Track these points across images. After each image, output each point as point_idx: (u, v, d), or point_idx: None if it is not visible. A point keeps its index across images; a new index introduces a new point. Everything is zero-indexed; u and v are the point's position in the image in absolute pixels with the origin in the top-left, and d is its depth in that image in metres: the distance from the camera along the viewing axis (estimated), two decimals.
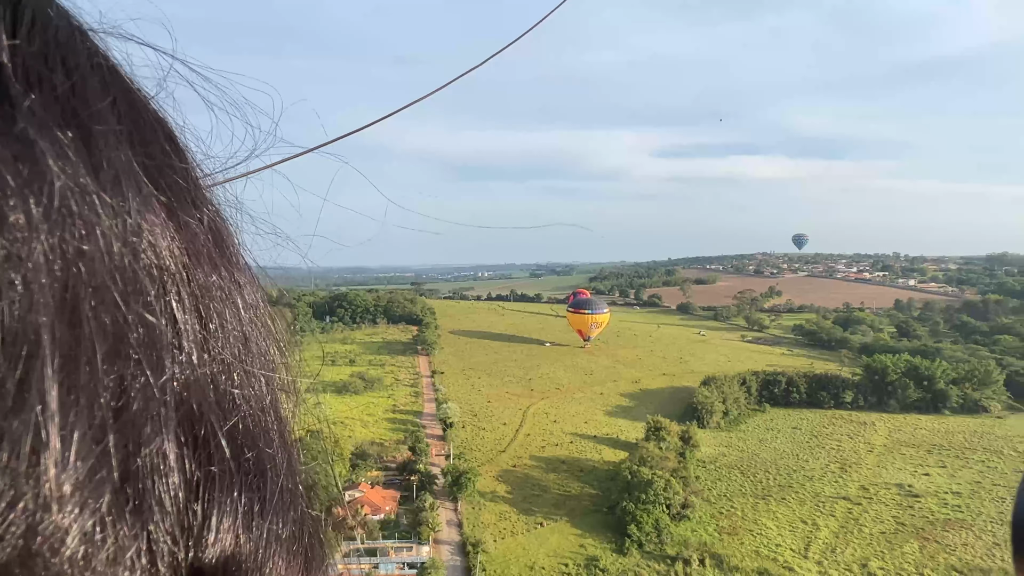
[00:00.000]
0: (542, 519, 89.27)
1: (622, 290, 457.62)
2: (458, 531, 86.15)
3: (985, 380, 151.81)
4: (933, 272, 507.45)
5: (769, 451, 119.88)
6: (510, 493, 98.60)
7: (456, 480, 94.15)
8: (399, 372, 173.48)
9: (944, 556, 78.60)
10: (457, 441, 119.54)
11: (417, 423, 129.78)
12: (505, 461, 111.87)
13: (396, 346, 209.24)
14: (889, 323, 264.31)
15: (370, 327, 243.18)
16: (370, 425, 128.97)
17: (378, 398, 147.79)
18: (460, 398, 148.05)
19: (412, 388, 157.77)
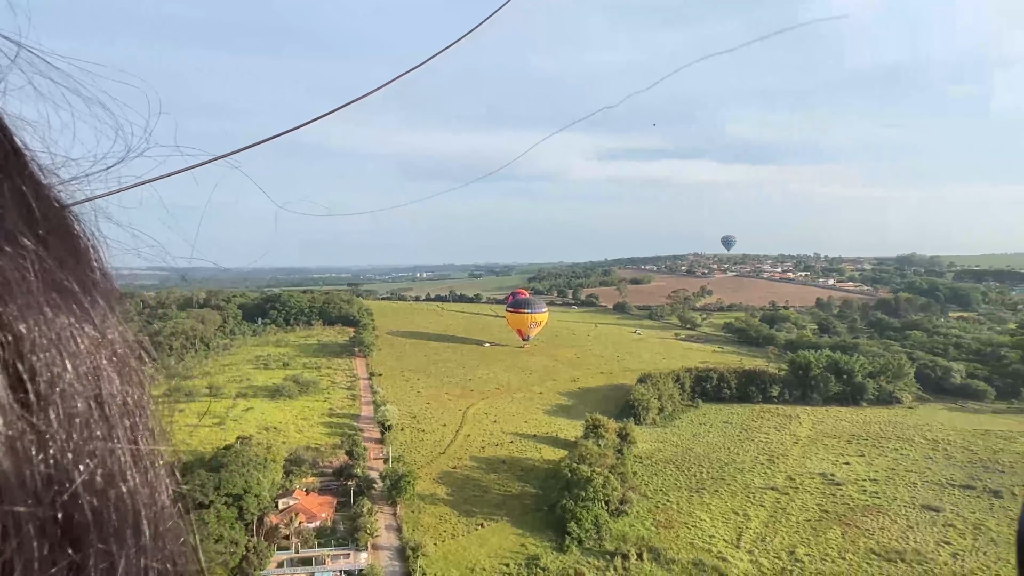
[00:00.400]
0: (483, 520, 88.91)
1: (560, 290, 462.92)
2: (397, 535, 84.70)
3: (898, 373, 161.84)
4: (850, 272, 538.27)
5: (702, 445, 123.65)
6: (450, 495, 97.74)
7: (395, 483, 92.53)
8: (335, 375, 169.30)
9: (864, 540, 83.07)
10: (396, 444, 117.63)
11: (354, 426, 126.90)
12: (445, 463, 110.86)
13: (332, 348, 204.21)
14: (811, 320, 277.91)
15: (305, 329, 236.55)
16: (305, 430, 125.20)
17: (313, 402, 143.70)
18: (399, 400, 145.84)
19: (349, 391, 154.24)
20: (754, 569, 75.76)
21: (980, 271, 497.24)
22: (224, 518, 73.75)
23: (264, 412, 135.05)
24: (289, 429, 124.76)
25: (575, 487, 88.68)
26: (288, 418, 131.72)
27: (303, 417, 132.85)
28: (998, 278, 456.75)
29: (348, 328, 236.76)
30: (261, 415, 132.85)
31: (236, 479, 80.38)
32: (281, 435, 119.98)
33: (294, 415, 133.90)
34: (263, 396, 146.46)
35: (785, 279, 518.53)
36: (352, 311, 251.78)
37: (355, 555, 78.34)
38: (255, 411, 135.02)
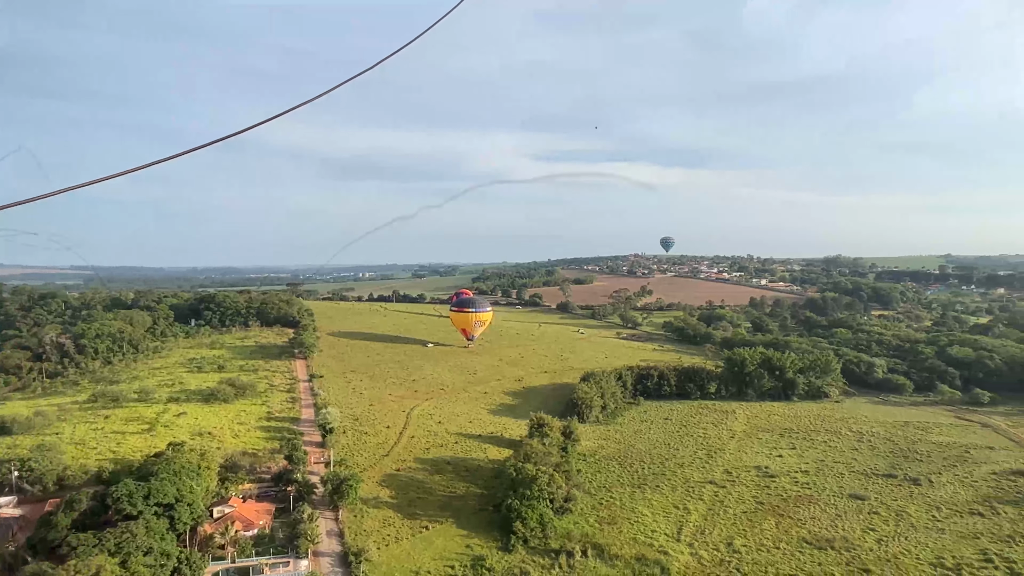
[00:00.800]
0: (427, 522, 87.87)
1: (504, 290, 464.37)
2: (339, 541, 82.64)
3: (826, 369, 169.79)
4: (781, 272, 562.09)
5: (644, 442, 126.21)
6: (394, 498, 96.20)
7: (337, 488, 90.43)
8: (274, 377, 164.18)
9: (796, 530, 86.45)
10: (338, 447, 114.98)
11: (294, 430, 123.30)
12: (388, 465, 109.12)
13: (271, 350, 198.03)
14: (746, 319, 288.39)
15: (242, 330, 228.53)
16: (242, 435, 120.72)
17: (251, 405, 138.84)
18: (341, 402, 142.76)
19: (288, 394, 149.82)
20: (694, 562, 77.70)
21: (898, 272, 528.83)
22: (154, 529, 70.15)
23: (198, 417, 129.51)
24: (225, 434, 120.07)
25: (520, 486, 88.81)
26: (223, 423, 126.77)
27: (239, 421, 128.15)
28: (914, 278, 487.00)
29: (287, 329, 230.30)
30: (195, 420, 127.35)
31: (167, 488, 76.71)
32: (216, 440, 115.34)
33: (230, 419, 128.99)
34: (197, 400, 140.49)
35: (721, 279, 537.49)
36: (292, 312, 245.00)
37: (295, 563, 75.97)
38: (188, 416, 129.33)
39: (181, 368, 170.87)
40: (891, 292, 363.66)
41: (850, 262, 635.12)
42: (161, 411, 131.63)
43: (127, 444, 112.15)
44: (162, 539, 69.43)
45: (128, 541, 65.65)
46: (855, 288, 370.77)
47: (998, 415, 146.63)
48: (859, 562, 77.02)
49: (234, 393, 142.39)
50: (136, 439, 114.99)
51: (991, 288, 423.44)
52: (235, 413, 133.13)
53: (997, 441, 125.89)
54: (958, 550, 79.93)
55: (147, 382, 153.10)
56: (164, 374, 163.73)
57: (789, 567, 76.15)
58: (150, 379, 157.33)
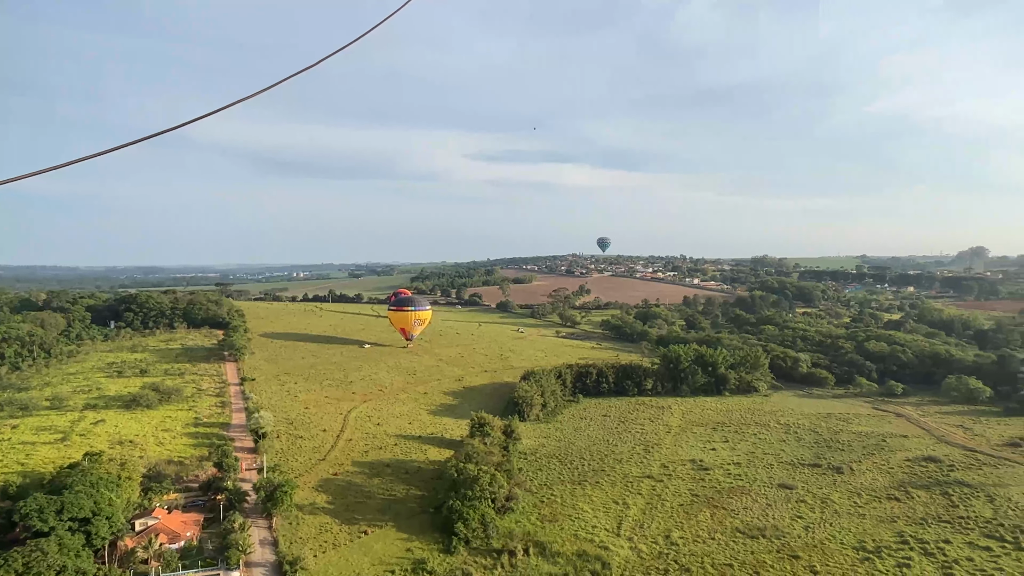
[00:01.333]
0: (366, 527, 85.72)
1: (443, 289, 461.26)
2: (273, 550, 79.43)
3: (755, 364, 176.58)
4: (712, 272, 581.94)
5: (584, 439, 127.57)
6: (331, 503, 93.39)
7: (270, 495, 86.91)
8: (202, 381, 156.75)
9: (730, 520, 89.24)
10: (271, 452, 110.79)
11: (224, 436, 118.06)
12: (325, 469, 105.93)
13: (198, 352, 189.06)
14: (680, 317, 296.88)
15: (166, 332, 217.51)
16: (167, 442, 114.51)
17: (176, 411, 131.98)
18: (274, 406, 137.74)
19: (218, 398, 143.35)
20: (634, 555, 78.91)
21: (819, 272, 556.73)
22: (68, 546, 65.32)
23: (118, 424, 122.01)
24: (148, 442, 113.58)
25: (462, 486, 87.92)
26: (146, 430, 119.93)
27: (164, 428, 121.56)
28: (833, 278, 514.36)
29: (216, 331, 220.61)
30: (114, 428, 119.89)
31: (83, 501, 71.62)
32: (138, 449, 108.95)
33: (153, 426, 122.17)
34: (116, 407, 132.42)
35: (656, 278, 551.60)
36: (221, 312, 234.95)
37: (225, 574, 72.54)
38: (107, 424, 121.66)
39: (99, 373, 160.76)
40: (813, 291, 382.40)
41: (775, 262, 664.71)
42: (76, 419, 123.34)
43: (37, 455, 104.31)
44: (77, 556, 64.73)
45: (38, 560, 60.77)
46: (781, 287, 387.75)
47: (910, 405, 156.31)
48: (788, 549, 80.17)
49: (158, 399, 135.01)
50: (48, 450, 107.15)
51: (902, 287, 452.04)
52: (159, 420, 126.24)
53: (909, 430, 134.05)
54: (877, 534, 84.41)
55: (61, 388, 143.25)
56: (80, 380, 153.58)
57: (724, 556, 78.42)
58: (64, 385, 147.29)
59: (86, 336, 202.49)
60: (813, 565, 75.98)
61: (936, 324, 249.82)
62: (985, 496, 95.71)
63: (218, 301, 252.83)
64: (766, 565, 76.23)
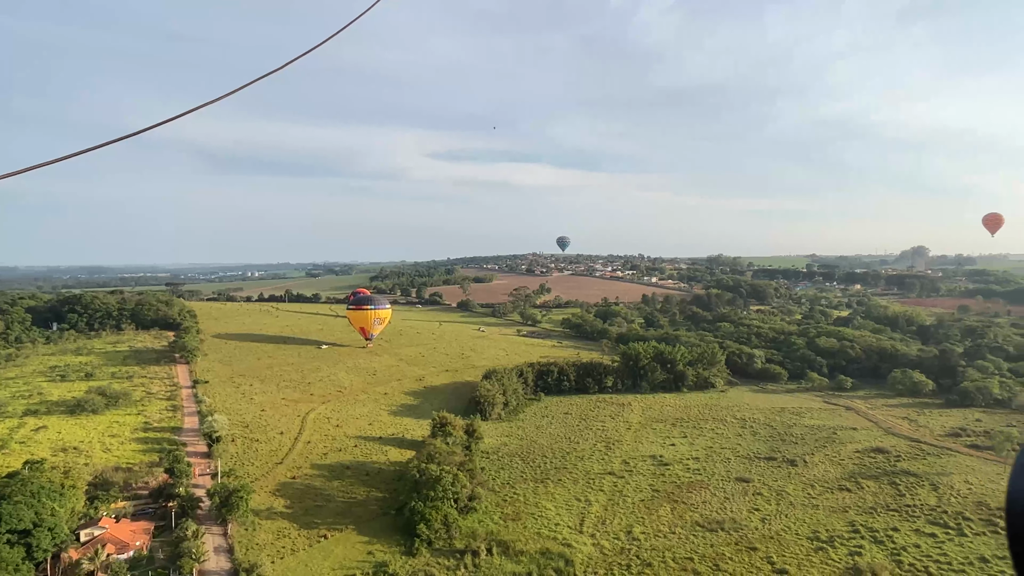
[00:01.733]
0: (326, 530, 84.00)
1: (403, 289, 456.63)
2: (228, 557, 77.07)
3: (712, 361, 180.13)
4: (670, 271, 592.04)
5: (545, 437, 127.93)
6: (289, 507, 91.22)
7: (225, 500, 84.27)
8: (152, 384, 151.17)
9: (690, 514, 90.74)
10: (226, 457, 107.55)
11: (176, 441, 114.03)
12: (283, 473, 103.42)
13: (147, 355, 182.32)
14: (638, 315, 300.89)
15: (113, 334, 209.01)
16: (114, 448, 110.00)
17: (125, 416, 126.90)
18: (229, 408, 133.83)
19: (169, 401, 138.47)
20: (597, 552, 79.41)
21: (772, 270, 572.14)
22: (6, 560, 61.94)
23: (61, 431, 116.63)
24: (94, 448, 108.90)
25: (424, 487, 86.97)
26: (92, 436, 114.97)
27: (111, 434, 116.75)
28: (785, 276, 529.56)
29: (167, 332, 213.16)
30: (57, 434, 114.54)
31: (23, 512, 68.03)
32: (83, 456, 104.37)
33: (100, 432, 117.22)
34: (60, 412, 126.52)
35: (615, 277, 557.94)
36: (172, 313, 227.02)
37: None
38: (49, 430, 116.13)
39: (41, 377, 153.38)
40: (766, 288, 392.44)
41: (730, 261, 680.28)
42: (16, 426, 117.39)
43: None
44: (16, 571, 61.45)
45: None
46: (735, 285, 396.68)
47: (858, 398, 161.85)
48: (747, 541, 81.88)
49: (105, 403, 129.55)
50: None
51: (850, 284, 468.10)
52: (106, 425, 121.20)
53: (859, 422, 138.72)
54: (830, 524, 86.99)
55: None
56: (20, 384, 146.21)
57: (684, 550, 79.60)
58: (2, 391, 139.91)
59: (26, 339, 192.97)
60: (770, 556, 77.78)
61: (882, 320, 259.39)
62: (929, 485, 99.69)
63: (168, 301, 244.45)
64: (725, 557, 77.67)
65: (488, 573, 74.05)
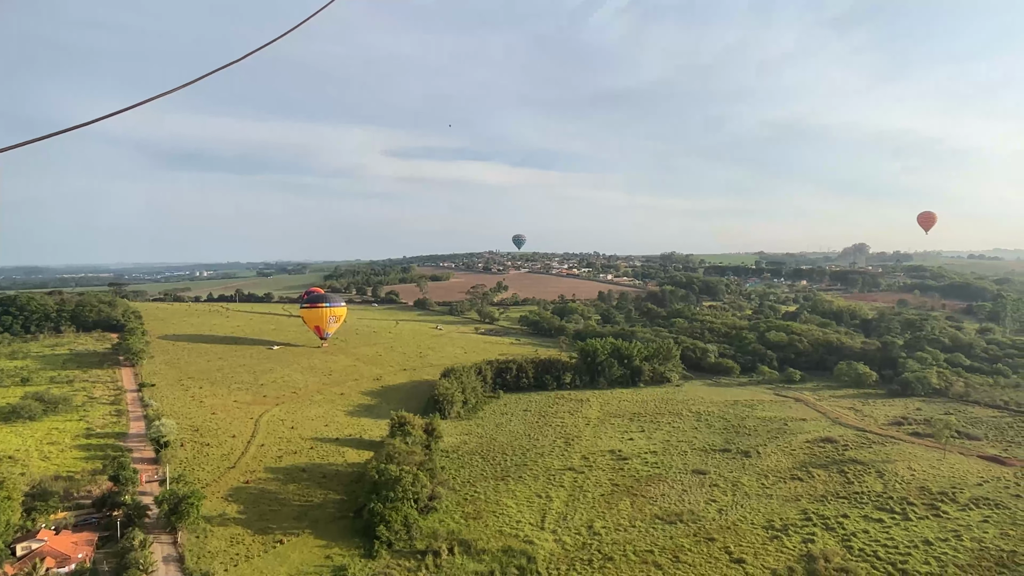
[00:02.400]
0: (281, 536, 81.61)
1: (359, 288, 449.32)
2: (179, 567, 74.09)
3: (667, 356, 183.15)
4: (625, 268, 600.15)
5: (505, 434, 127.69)
6: (243, 512, 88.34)
7: (174, 507, 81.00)
8: (94, 388, 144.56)
9: (649, 507, 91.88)
10: (175, 462, 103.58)
11: (121, 447, 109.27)
12: (236, 477, 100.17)
13: (89, 358, 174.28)
14: (595, 312, 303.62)
15: (52, 337, 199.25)
16: (53, 456, 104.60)
17: (65, 422, 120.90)
18: (177, 412, 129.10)
19: (113, 406, 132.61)
20: (558, 547, 79.50)
21: (723, 267, 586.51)
22: None
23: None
24: (31, 456, 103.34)
25: (383, 488, 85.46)
26: (29, 444, 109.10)
27: (50, 441, 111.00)
28: (736, 273, 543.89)
29: (110, 334, 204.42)
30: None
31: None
32: (19, 465, 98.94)
33: (37, 439, 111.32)
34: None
35: (571, 275, 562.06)
36: (115, 314, 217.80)
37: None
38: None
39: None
40: (717, 285, 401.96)
41: (683, 258, 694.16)
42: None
43: None
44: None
45: None
46: (688, 282, 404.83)
47: (807, 390, 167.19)
48: (705, 532, 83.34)
49: (43, 409, 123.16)
50: None
51: (797, 280, 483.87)
52: (44, 432, 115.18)
53: (808, 413, 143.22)
54: (784, 512, 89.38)
55: None
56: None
57: (645, 543, 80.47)
58: None
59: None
60: (728, 546, 79.32)
61: (827, 314, 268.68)
62: (876, 472, 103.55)
63: (111, 302, 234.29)
64: (684, 549, 78.86)
65: (450, 573, 73.24)
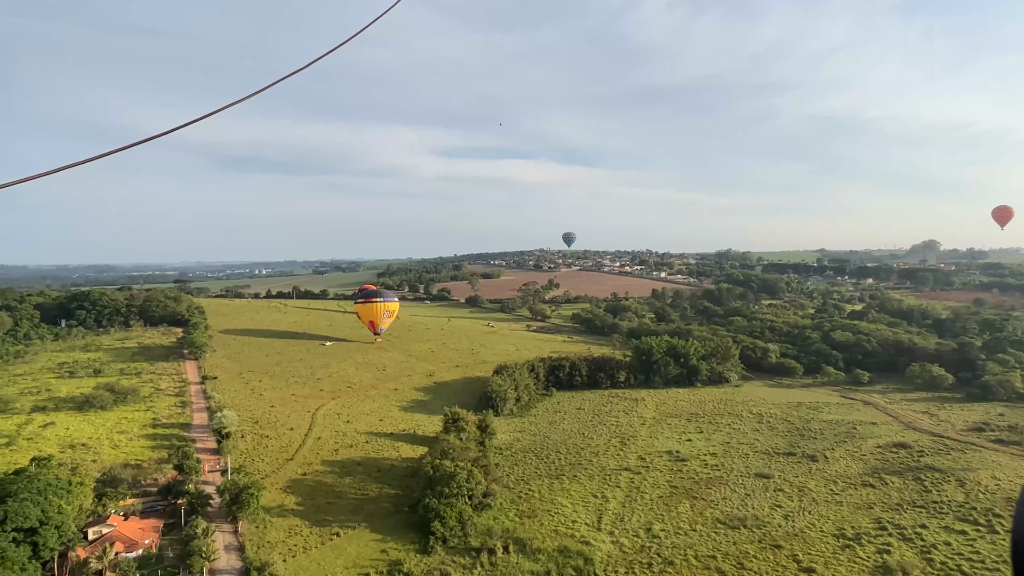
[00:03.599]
0: (338, 528, 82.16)
1: (411, 285, 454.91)
2: (239, 556, 75.38)
3: (726, 355, 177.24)
4: (679, 266, 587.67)
5: (559, 432, 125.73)
6: (300, 504, 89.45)
7: (235, 497, 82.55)
8: (160, 380, 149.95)
9: (710, 511, 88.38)
10: (236, 453, 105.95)
11: (185, 437, 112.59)
12: (293, 470, 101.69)
13: (156, 351, 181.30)
14: (649, 310, 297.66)
15: (122, 331, 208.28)
16: (123, 445, 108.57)
17: (134, 412, 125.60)
18: (238, 404, 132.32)
19: (177, 397, 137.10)
20: (616, 549, 77.17)
21: (782, 264, 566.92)
22: (11, 559, 60.29)
23: (69, 427, 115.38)
24: (102, 445, 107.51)
25: (438, 484, 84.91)
26: (100, 432, 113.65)
27: (120, 430, 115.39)
28: (796, 270, 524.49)
29: (175, 328, 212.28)
30: (65, 431, 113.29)
31: (29, 509, 66.41)
32: (91, 453, 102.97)
33: (108, 428, 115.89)
34: (68, 408, 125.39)
35: (624, 272, 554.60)
36: (180, 310, 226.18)
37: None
38: (57, 427, 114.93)
39: (49, 374, 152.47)
40: (777, 283, 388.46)
41: (739, 256, 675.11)
42: (24, 422, 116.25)
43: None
44: (23, 570, 59.81)
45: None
46: (746, 279, 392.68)
47: (876, 393, 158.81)
48: (770, 538, 79.43)
49: (113, 399, 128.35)
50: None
51: (861, 278, 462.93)
52: (115, 421, 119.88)
53: (878, 417, 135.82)
54: (856, 520, 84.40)
55: (7, 391, 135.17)
56: (28, 381, 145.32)
57: (707, 548, 77.25)
58: (10, 387, 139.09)
59: (35, 336, 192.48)
60: (796, 554, 75.30)
61: (897, 314, 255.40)
62: (956, 480, 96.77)
63: (176, 298, 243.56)
64: (749, 555, 75.28)
65: (505, 572, 71.94)
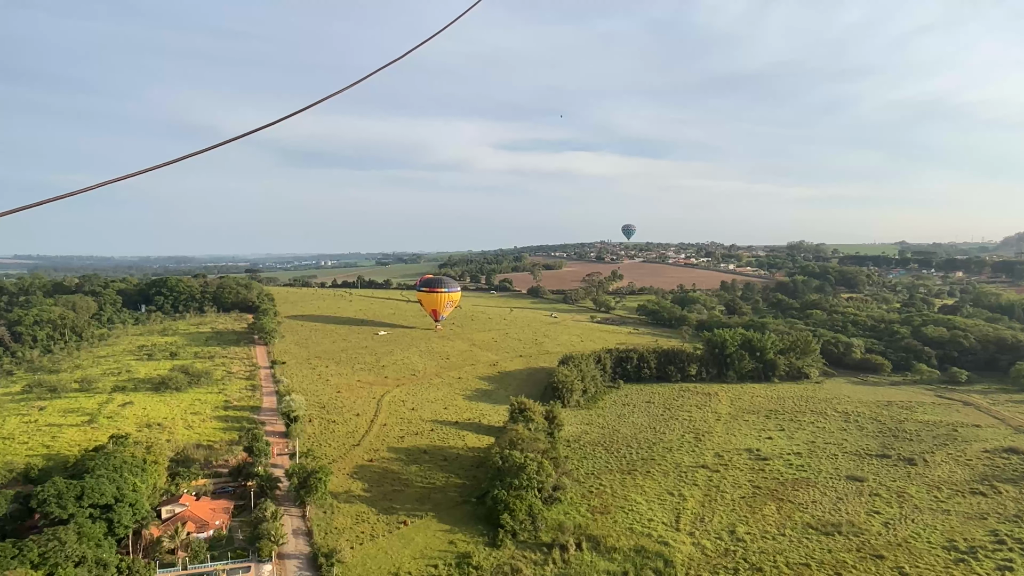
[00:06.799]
0: (405, 517, 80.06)
1: (472, 275, 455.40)
2: (307, 541, 74.26)
3: (805, 350, 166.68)
4: (747, 258, 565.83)
5: (628, 426, 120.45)
6: (367, 491, 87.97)
7: (303, 482, 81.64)
8: (232, 364, 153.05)
9: (799, 515, 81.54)
10: (304, 437, 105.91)
11: (255, 420, 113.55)
12: (360, 456, 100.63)
13: (228, 336, 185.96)
14: (718, 302, 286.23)
15: (196, 316, 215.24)
16: (196, 426, 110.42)
17: (206, 394, 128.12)
18: (305, 389, 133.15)
19: (248, 381, 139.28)
20: (698, 552, 71.76)
21: (860, 257, 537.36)
22: (88, 535, 60.52)
23: (146, 407, 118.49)
24: (176, 425, 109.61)
25: (507, 475, 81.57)
26: (175, 413, 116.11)
27: (193, 411, 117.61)
28: (876, 263, 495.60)
29: (246, 315, 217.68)
30: (142, 410, 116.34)
31: (105, 486, 66.84)
32: (166, 432, 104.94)
33: (182, 409, 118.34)
34: (145, 389, 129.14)
35: (689, 264, 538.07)
36: (251, 296, 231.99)
37: (257, 567, 67.38)
38: (135, 406, 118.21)
39: (129, 356, 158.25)
40: (857, 276, 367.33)
41: (813, 248, 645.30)
42: (104, 401, 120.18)
43: (63, 438, 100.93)
44: (98, 546, 59.97)
45: (55, 550, 56.01)
46: (823, 272, 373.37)
47: (976, 393, 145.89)
48: (870, 547, 72.22)
49: (187, 381, 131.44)
50: (74, 432, 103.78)
51: (950, 272, 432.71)
52: (188, 402, 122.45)
53: (981, 419, 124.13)
54: (968, 532, 75.98)
55: (91, 371, 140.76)
56: (110, 362, 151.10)
57: (798, 555, 70.85)
58: (94, 368, 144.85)
59: (117, 320, 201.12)
60: (901, 566, 67.98)
61: (995, 309, 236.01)
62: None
63: (248, 285, 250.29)
64: (847, 565, 68.44)
65: (579, 570, 67.74)
